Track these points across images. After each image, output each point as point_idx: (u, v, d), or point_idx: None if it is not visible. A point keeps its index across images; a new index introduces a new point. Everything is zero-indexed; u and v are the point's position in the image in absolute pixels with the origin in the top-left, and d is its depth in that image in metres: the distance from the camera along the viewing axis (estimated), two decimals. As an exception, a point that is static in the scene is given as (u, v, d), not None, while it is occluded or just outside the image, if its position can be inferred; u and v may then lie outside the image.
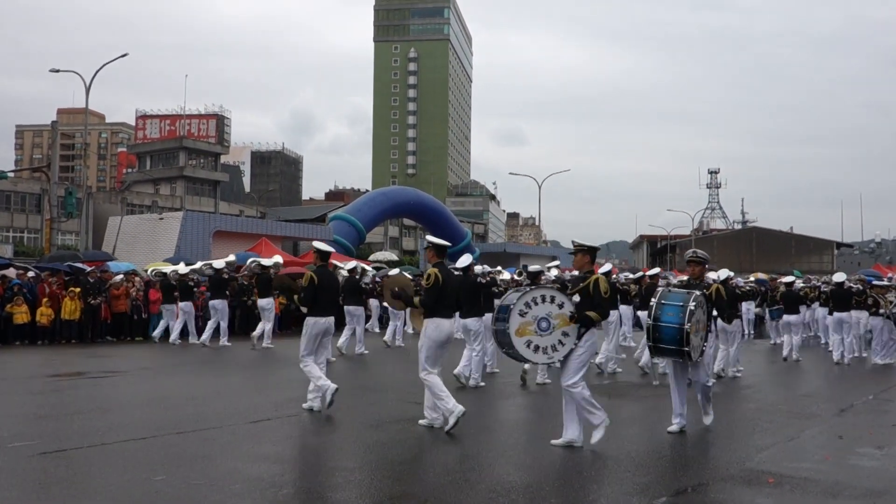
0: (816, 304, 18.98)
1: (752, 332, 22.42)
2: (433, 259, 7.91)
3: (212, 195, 73.42)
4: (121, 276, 19.34)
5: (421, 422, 7.81)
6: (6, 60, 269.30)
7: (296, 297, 9.43)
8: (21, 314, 16.84)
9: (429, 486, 5.65)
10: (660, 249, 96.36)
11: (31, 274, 18.59)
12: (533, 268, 11.85)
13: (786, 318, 15.73)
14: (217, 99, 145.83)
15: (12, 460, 6.19)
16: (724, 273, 12.52)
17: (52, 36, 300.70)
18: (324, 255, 9.03)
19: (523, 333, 6.97)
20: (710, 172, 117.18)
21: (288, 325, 21.25)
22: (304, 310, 8.90)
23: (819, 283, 20.53)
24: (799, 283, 18.59)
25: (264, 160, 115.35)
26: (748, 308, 21.31)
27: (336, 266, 15.20)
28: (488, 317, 10.92)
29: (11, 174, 48.67)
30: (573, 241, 7.37)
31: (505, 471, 6.12)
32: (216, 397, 9.56)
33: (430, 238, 8.11)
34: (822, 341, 18.84)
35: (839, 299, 15.81)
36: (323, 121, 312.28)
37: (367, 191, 76.29)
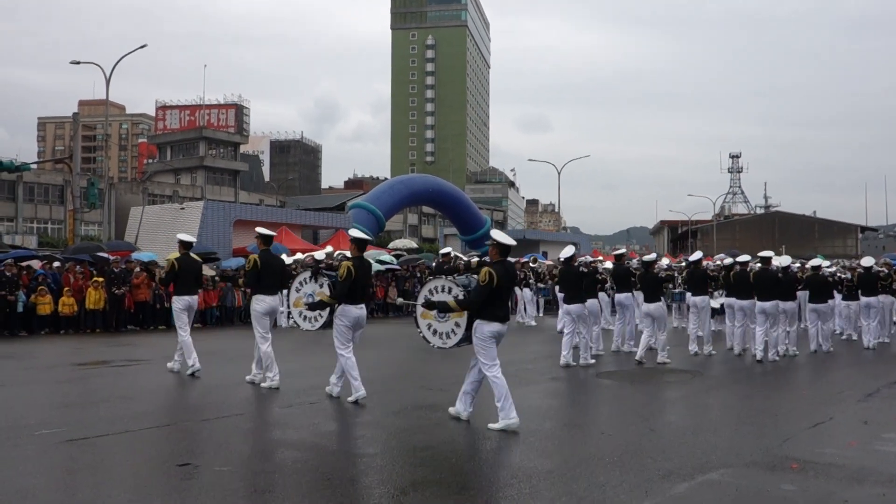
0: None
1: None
2: (261, 246, 9.76)
3: (232, 184, 73.80)
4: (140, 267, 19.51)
5: (247, 377, 9.65)
6: (28, 53, 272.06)
7: (157, 278, 11.74)
8: (45, 304, 17.06)
9: (450, 472, 5.66)
10: (681, 235, 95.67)
11: (56, 264, 18.80)
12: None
13: (811, 306, 15.00)
14: (235, 88, 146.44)
15: (39, 447, 6.28)
16: (785, 259, 13.80)
17: (72, 28, 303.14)
18: (186, 245, 10.95)
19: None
20: (732, 157, 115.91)
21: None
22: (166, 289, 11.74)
23: (836, 270, 20.10)
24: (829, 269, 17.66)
25: (283, 149, 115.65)
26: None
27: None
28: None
29: (34, 166, 49.14)
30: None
31: (527, 456, 6.12)
32: (239, 385, 9.62)
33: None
34: (837, 330, 18.35)
35: (866, 284, 15.58)
36: (345, 109, 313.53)
37: (386, 179, 76.32)
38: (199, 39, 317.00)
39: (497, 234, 7.48)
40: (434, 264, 18.05)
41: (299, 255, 21.73)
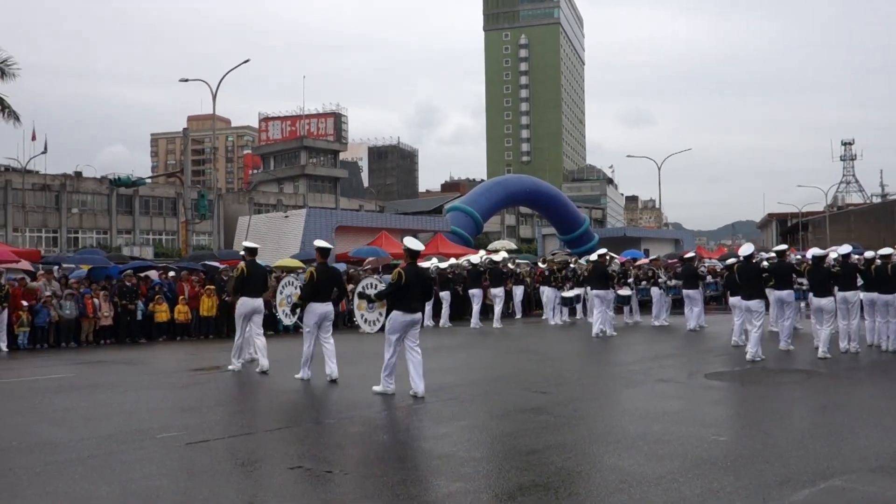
0: None
1: None
2: (248, 257, 11.65)
3: (332, 191, 75.66)
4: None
5: (256, 369, 11.28)
6: (141, 73, 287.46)
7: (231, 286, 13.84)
8: (162, 312, 17.91)
9: (557, 476, 5.60)
10: (790, 228, 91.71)
11: (171, 273, 19.71)
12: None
13: None
14: (334, 97, 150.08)
15: (161, 450, 6.58)
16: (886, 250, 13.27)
17: (179, 47, 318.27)
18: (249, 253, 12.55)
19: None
20: (844, 144, 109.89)
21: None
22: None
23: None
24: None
25: (381, 155, 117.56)
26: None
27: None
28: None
29: (149, 180, 51.74)
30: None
31: (636, 461, 5.98)
32: (346, 388, 9.82)
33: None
34: None
35: None
36: (444, 112, 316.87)
37: (482, 180, 76.45)
38: (298, 50, 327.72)
39: (407, 241, 9.27)
40: (589, 266, 18.23)
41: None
